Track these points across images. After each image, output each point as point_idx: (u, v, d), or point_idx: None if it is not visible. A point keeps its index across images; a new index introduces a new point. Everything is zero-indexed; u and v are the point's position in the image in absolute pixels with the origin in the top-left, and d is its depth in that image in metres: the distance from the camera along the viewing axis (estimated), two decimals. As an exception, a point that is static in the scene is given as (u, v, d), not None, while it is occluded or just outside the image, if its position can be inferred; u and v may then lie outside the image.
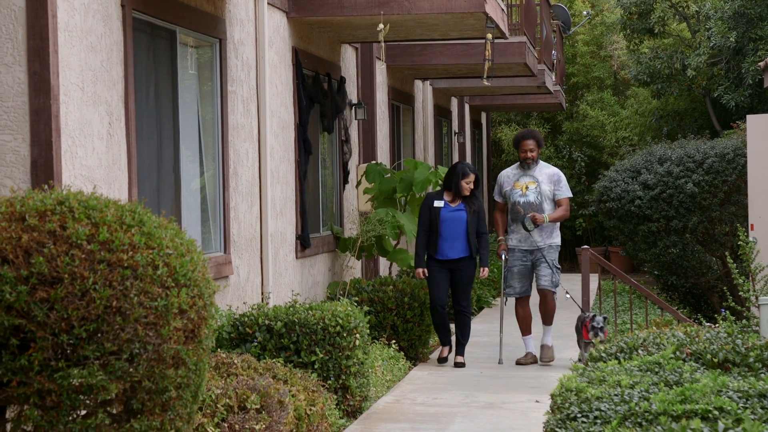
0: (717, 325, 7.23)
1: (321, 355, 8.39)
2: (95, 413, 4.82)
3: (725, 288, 10.22)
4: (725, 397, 5.10)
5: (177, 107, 8.64)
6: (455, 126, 21.43)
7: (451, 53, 15.06)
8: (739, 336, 6.41)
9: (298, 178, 11.39)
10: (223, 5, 9.45)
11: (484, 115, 25.91)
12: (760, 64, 17.18)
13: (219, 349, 8.17)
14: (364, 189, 12.93)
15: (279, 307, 8.72)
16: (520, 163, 11.38)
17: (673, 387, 5.38)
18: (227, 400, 6.56)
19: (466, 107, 22.46)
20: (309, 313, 8.52)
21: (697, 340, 6.38)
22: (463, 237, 10.95)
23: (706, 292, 15.88)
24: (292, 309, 8.63)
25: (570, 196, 11.30)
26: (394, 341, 10.98)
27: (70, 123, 6.92)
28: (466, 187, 10.99)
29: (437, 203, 11.02)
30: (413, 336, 11.15)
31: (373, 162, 13.56)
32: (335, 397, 8.27)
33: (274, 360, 7.91)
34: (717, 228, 15.29)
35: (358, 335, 8.58)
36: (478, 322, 14.41)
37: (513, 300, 11.51)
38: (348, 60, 13.49)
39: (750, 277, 8.32)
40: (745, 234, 9.07)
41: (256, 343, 8.39)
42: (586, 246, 12.00)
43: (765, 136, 12.82)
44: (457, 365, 11.00)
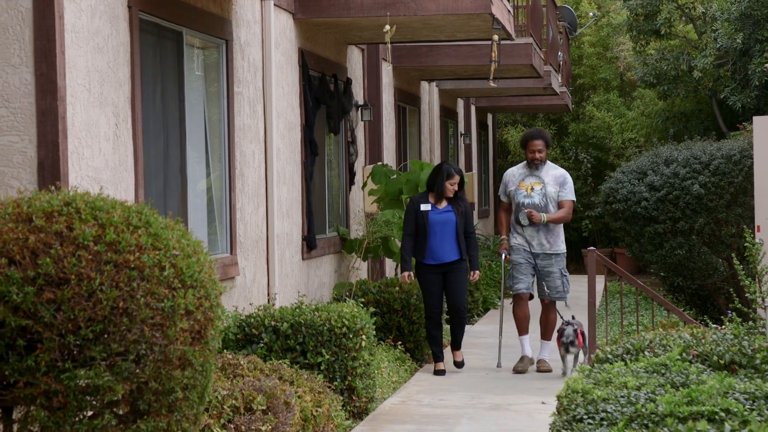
0: (723, 326, 7.22)
1: (327, 357, 8.39)
2: (102, 414, 4.83)
3: (732, 289, 10.20)
4: (732, 398, 5.10)
5: (183, 108, 8.65)
6: (461, 127, 21.43)
7: (457, 54, 15.06)
8: (746, 338, 6.40)
9: (304, 180, 11.40)
10: (230, 6, 9.46)
11: (490, 116, 25.91)
12: (767, 66, 17.17)
13: (225, 350, 8.18)
14: (370, 190, 12.93)
15: (285, 308, 8.72)
16: (527, 162, 11.09)
17: (680, 389, 5.37)
18: (233, 401, 6.56)
19: (473, 108, 22.46)
20: (315, 315, 8.52)
21: (703, 341, 6.37)
22: (453, 239, 10.68)
23: (712, 294, 15.86)
24: (298, 310, 8.64)
25: (573, 199, 10.99)
26: (400, 343, 10.98)
27: (76, 124, 6.93)
28: (450, 188, 10.69)
29: (424, 206, 10.68)
30: (419, 337, 11.14)
31: (379, 163, 13.56)
32: (341, 398, 8.28)
33: (281, 361, 7.91)
34: (723, 229, 15.26)
35: (364, 336, 8.58)
36: (483, 323, 14.41)
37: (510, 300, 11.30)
38: (354, 61, 13.50)
39: (756, 279, 8.32)
40: (752, 235, 9.07)
41: (262, 344, 8.39)
42: (592, 247, 11.96)
43: (771, 138, 12.79)
44: (457, 364, 10.88)
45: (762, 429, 4.50)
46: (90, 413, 4.85)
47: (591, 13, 26.26)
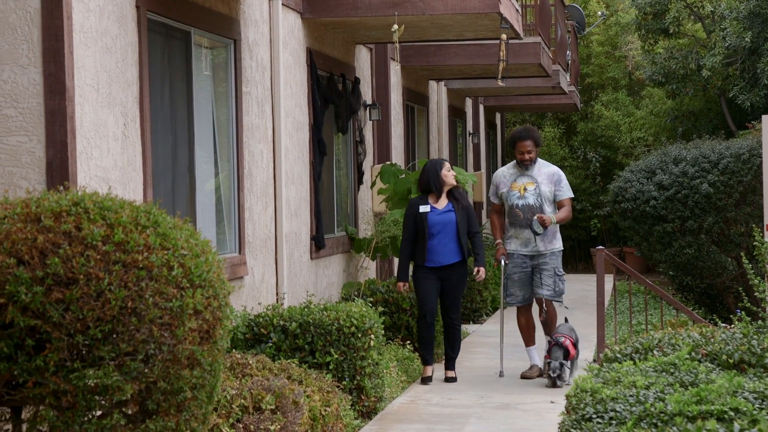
0: (732, 325, 7.21)
1: (336, 356, 8.39)
2: (110, 414, 4.83)
3: (740, 288, 10.17)
4: (741, 397, 5.09)
5: (192, 108, 8.65)
6: (470, 127, 21.42)
7: (465, 54, 15.06)
8: (755, 337, 6.38)
9: (312, 179, 11.40)
10: (238, 6, 9.46)
11: (498, 115, 25.90)
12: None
13: (234, 350, 8.19)
14: (379, 190, 12.92)
15: (294, 307, 8.73)
16: (516, 162, 10.64)
17: (689, 388, 5.37)
18: (242, 401, 6.56)
19: (481, 108, 22.45)
20: (324, 314, 8.53)
21: (712, 340, 6.36)
22: (454, 240, 10.19)
23: (721, 293, 15.83)
24: (306, 310, 8.64)
25: (571, 196, 10.65)
26: (408, 342, 10.97)
27: (85, 124, 6.94)
28: (448, 174, 10.28)
29: (423, 208, 10.21)
30: (428, 337, 11.12)
31: (388, 163, 13.56)
32: (350, 397, 8.28)
33: (289, 361, 7.91)
34: (732, 228, 15.24)
35: (372, 336, 8.58)
36: (492, 323, 14.40)
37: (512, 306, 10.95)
38: (362, 61, 13.50)
39: (765, 278, 8.30)
40: (761, 234, 9.04)
41: (270, 344, 8.40)
42: (601, 246, 11.93)
43: (780, 137, 12.76)
44: (448, 380, 10.29)
45: (771, 428, 4.50)
46: (99, 413, 4.86)
47: (599, 12, 26.25)
